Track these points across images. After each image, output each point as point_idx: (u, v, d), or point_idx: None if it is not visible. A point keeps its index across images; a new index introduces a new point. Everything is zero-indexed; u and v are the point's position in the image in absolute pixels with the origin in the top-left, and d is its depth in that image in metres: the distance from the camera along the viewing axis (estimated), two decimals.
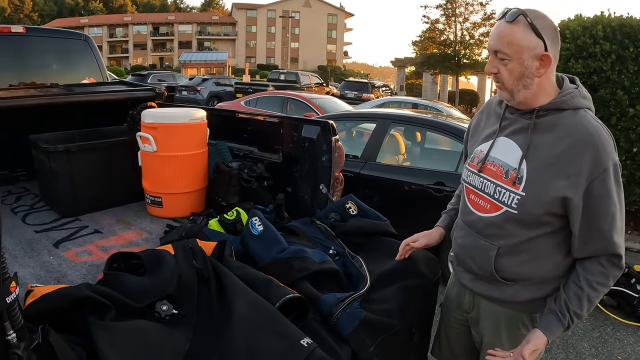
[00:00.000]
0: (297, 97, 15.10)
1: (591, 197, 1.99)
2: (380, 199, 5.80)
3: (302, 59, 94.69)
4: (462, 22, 39.34)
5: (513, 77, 2.07)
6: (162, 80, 31.91)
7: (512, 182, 2.13)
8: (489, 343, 2.39)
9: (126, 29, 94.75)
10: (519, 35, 2.01)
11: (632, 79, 7.31)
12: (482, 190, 2.28)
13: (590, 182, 1.98)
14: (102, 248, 3.03)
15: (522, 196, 2.09)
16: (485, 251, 2.24)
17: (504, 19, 2.05)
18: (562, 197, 2.01)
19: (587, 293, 2.09)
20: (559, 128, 2.07)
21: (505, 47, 2.03)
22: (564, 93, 2.11)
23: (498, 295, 2.30)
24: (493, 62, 2.11)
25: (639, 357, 4.76)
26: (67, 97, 4.28)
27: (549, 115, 2.11)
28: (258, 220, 2.69)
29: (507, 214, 2.15)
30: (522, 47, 2.01)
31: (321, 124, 3.52)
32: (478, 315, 2.44)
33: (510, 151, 2.19)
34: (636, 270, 5.75)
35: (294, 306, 2.16)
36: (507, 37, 2.03)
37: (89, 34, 7.71)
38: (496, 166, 2.23)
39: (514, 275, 2.22)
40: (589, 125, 2.03)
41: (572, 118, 2.07)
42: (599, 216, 2.01)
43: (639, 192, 7.76)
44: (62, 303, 1.91)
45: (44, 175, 3.72)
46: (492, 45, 2.09)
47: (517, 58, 2.03)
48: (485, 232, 2.25)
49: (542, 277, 2.20)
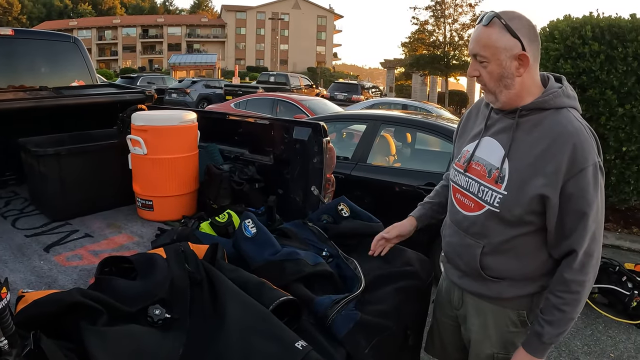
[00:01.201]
0: (287, 99, 15.09)
1: (566, 196, 2.01)
2: (371, 201, 5.80)
3: (291, 60, 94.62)
4: (451, 24, 39.48)
5: (493, 79, 2.12)
6: (152, 83, 31.75)
7: (495, 181, 2.16)
8: (478, 340, 2.41)
9: (115, 31, 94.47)
10: (495, 37, 2.06)
11: (621, 79, 7.36)
12: (467, 190, 2.31)
13: (566, 182, 2.00)
14: (93, 252, 3.01)
15: (504, 195, 2.12)
16: (471, 249, 2.27)
17: (482, 23, 2.10)
18: (541, 195, 2.04)
19: (553, 301, 2.12)
20: (541, 127, 2.11)
21: (483, 49, 2.09)
22: (547, 93, 2.14)
23: (485, 292, 2.32)
24: (474, 66, 2.16)
25: (631, 355, 4.78)
26: (57, 100, 4.25)
27: (531, 114, 2.14)
28: (251, 223, 2.67)
29: (490, 213, 2.18)
30: (498, 48, 2.05)
31: (312, 126, 3.51)
32: (466, 312, 2.46)
33: (494, 151, 2.22)
34: (627, 269, 5.78)
35: (287, 309, 2.15)
36: (483, 40, 2.09)
37: (78, 36, 7.68)
38: (480, 165, 2.26)
39: (499, 272, 2.24)
40: (569, 125, 2.06)
41: (553, 118, 2.10)
42: (572, 216, 2.03)
43: (628, 191, 7.82)
44: (54, 308, 1.90)
45: (33, 178, 3.69)
46: (471, 49, 2.15)
47: (494, 60, 2.07)
48: (471, 231, 2.28)
49: (527, 274, 2.22)
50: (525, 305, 2.27)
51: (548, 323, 2.12)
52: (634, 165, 7.64)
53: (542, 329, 2.12)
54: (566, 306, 2.09)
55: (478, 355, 2.43)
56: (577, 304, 2.10)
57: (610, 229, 8.35)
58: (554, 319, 2.11)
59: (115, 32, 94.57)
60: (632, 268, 5.91)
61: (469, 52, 2.19)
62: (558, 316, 2.10)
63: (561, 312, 2.09)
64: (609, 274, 5.64)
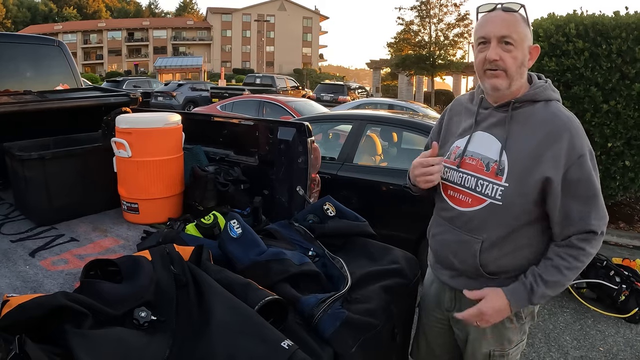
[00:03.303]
0: (273, 101, 15.10)
1: (572, 183, 2.05)
2: (359, 200, 5.81)
3: (277, 62, 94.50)
4: (436, 23, 39.64)
5: (516, 65, 2.13)
6: (138, 87, 31.70)
7: (495, 174, 2.17)
8: (475, 339, 2.42)
9: (100, 35, 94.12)
10: (522, 25, 2.12)
11: (605, 76, 7.40)
12: (461, 185, 2.30)
13: (568, 168, 2.04)
14: (79, 256, 2.99)
15: (506, 187, 2.13)
16: (469, 246, 2.26)
17: (501, 10, 2.12)
18: (544, 178, 2.06)
19: (555, 262, 2.13)
20: (534, 118, 2.15)
21: (515, 33, 2.10)
22: (536, 85, 2.20)
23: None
24: (496, 50, 2.11)
25: (620, 348, 4.82)
26: (41, 104, 4.23)
27: (523, 107, 2.18)
28: (236, 223, 2.67)
29: (492, 206, 2.18)
30: (526, 35, 2.12)
31: (296, 126, 3.51)
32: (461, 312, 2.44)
33: (489, 144, 2.23)
34: (614, 263, 5.84)
35: (273, 309, 2.15)
36: (514, 25, 2.10)
37: (63, 40, 7.65)
38: (476, 160, 2.26)
39: (497, 268, 2.24)
40: (562, 114, 2.12)
41: (545, 109, 2.15)
42: (583, 200, 2.07)
43: (614, 187, 7.86)
44: (39, 312, 1.88)
45: (18, 183, 3.66)
46: (498, 30, 2.11)
47: (521, 45, 2.11)
48: (468, 227, 2.27)
49: (524, 268, 2.22)
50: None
51: (544, 282, 2.13)
52: (620, 161, 7.69)
53: (537, 286, 2.13)
54: (568, 271, 2.12)
55: (474, 354, 2.44)
56: (577, 272, 2.14)
57: None
58: (552, 279, 2.12)
59: (101, 36, 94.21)
60: (620, 262, 5.97)
61: (485, 35, 2.15)
62: (557, 277, 2.12)
63: (562, 275, 2.12)
64: (597, 269, 5.68)
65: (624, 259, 6.12)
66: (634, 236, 8.08)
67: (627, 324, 5.33)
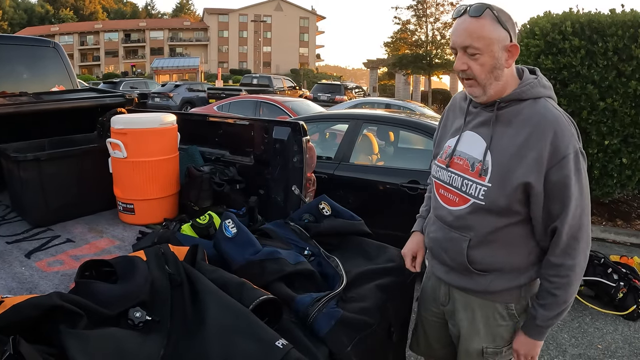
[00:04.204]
0: (269, 101, 15.05)
1: (550, 184, 2.03)
2: (355, 200, 5.80)
3: (274, 62, 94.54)
4: (433, 23, 39.75)
5: (485, 71, 2.10)
6: (134, 88, 31.66)
7: (479, 174, 2.17)
8: (467, 335, 2.42)
9: (97, 36, 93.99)
10: (488, 28, 2.04)
11: (602, 73, 7.41)
12: (450, 184, 2.32)
13: (549, 169, 2.02)
14: (75, 257, 2.99)
15: (489, 187, 2.13)
16: (457, 243, 2.28)
17: (467, 15, 2.08)
18: (525, 183, 2.05)
19: (544, 285, 2.17)
20: (520, 118, 2.13)
21: (476, 41, 2.06)
22: (524, 83, 2.17)
23: (472, 286, 2.33)
24: (462, 59, 2.12)
25: (618, 345, 4.81)
26: (37, 105, 4.22)
27: (510, 106, 2.16)
28: (231, 223, 2.66)
29: (475, 206, 2.19)
30: (492, 39, 2.05)
31: (291, 125, 3.51)
32: (454, 308, 2.47)
33: (475, 144, 2.24)
34: (612, 261, 5.84)
35: (268, 308, 2.15)
36: (477, 32, 2.05)
37: (60, 42, 7.65)
38: (463, 160, 2.27)
39: (486, 265, 2.25)
40: (547, 113, 2.09)
41: (532, 107, 2.13)
42: (557, 203, 2.05)
43: (611, 184, 7.86)
44: (33, 313, 1.88)
45: (14, 185, 3.66)
46: (461, 41, 2.10)
47: (488, 51, 2.06)
48: (456, 225, 2.29)
49: (515, 266, 2.24)
50: (514, 298, 2.29)
51: (541, 306, 2.17)
52: (617, 159, 7.69)
53: (536, 312, 2.18)
54: (557, 290, 2.12)
55: (467, 350, 2.44)
56: (569, 287, 2.13)
57: (595, 222, 8.40)
58: (546, 302, 2.15)
59: (97, 37, 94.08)
60: (618, 260, 5.98)
61: (453, 45, 2.16)
62: (550, 300, 2.14)
63: (553, 295, 2.13)
64: (595, 266, 5.67)
65: (622, 257, 6.13)
66: (631, 234, 8.09)
67: (625, 321, 5.33)
